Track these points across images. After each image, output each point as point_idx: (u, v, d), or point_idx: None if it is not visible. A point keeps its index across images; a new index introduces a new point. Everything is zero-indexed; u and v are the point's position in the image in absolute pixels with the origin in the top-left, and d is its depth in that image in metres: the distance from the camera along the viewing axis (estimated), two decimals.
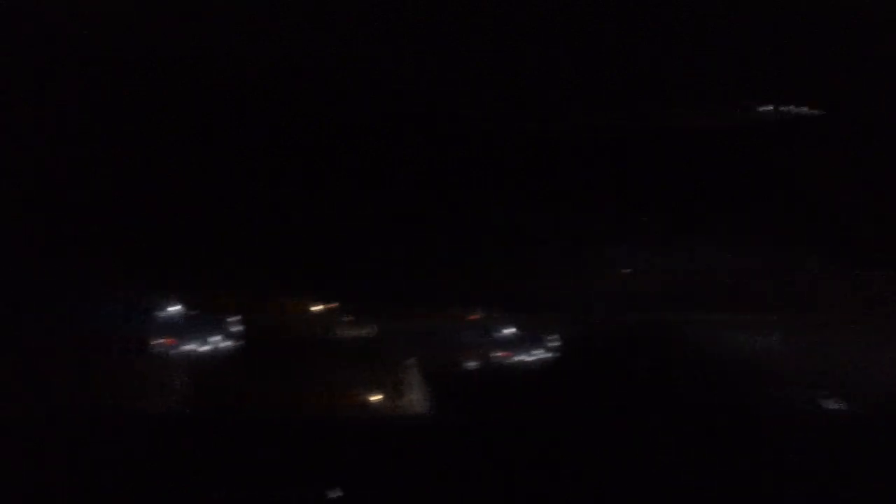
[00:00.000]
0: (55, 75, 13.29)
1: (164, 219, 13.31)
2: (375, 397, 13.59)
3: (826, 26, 13.67)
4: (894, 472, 11.73)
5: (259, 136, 13.52)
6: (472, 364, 13.74)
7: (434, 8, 13.28)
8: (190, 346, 13.18)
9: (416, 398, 13.62)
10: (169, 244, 13.13)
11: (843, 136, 13.15)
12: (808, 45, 13.31)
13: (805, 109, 13.05)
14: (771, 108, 13.12)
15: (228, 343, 13.26)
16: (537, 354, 13.66)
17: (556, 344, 13.70)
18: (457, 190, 13.97)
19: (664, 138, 13.78)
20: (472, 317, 14.02)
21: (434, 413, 13.47)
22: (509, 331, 13.81)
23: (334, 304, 13.91)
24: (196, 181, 13.49)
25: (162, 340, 13.06)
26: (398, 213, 13.97)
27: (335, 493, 12.36)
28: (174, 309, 13.24)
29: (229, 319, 13.31)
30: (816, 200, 13.31)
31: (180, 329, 13.19)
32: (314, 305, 13.93)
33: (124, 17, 13.06)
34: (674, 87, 13.45)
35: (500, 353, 13.74)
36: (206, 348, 13.21)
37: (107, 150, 13.29)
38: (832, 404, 12.38)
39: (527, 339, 13.75)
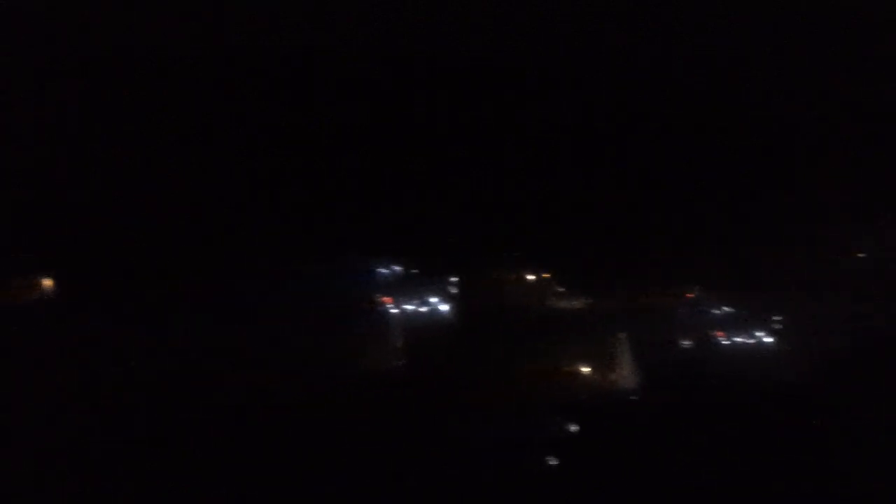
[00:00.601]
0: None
1: (387, 189, 13.68)
2: (585, 369, 13.49)
3: None
4: None
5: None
6: (686, 342, 13.43)
7: None
8: (409, 306, 13.53)
9: (625, 373, 13.43)
10: (393, 212, 13.48)
11: None
12: None
13: None
14: None
15: (445, 305, 13.50)
16: (758, 336, 13.20)
17: (779, 326, 13.24)
18: (684, 170, 13.70)
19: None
20: (689, 294, 13.71)
21: (642, 389, 13.25)
22: (727, 310, 13.41)
23: (548, 275, 13.94)
24: (426, 155, 13.74)
25: (382, 299, 13.42)
26: (620, 190, 13.81)
27: (552, 461, 12.39)
28: (395, 269, 13.59)
29: (449, 281, 13.54)
30: None
31: (400, 289, 13.50)
32: (529, 275, 13.99)
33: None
34: None
35: (716, 333, 13.37)
36: (423, 308, 13.51)
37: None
38: None
39: (747, 320, 13.29)
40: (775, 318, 13.33)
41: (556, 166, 13.75)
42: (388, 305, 13.44)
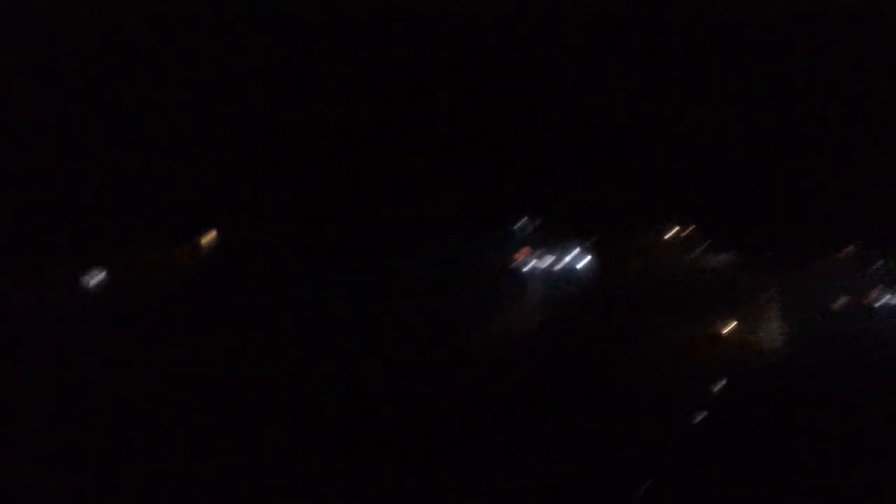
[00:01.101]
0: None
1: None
2: (729, 327, 12.86)
3: None
4: None
5: None
6: (839, 302, 12.78)
7: None
8: (548, 264, 12.92)
9: (772, 333, 12.80)
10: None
11: None
12: None
13: None
14: None
15: (584, 258, 12.89)
16: None
17: None
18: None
19: None
20: (845, 250, 13.02)
21: (787, 350, 12.67)
22: (890, 268, 12.73)
23: (691, 229, 13.26)
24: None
25: (517, 256, 12.82)
26: (771, 139, 13.11)
27: (699, 416, 11.94)
28: (532, 227, 12.98)
29: (586, 238, 12.95)
30: None
31: (537, 247, 12.92)
32: (672, 229, 13.29)
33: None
34: None
35: (874, 292, 12.72)
36: (562, 266, 12.92)
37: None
38: None
39: None
40: None
41: (701, 112, 13.04)
42: (524, 263, 12.84)
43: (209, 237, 12.39)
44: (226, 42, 12.71)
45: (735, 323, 12.73)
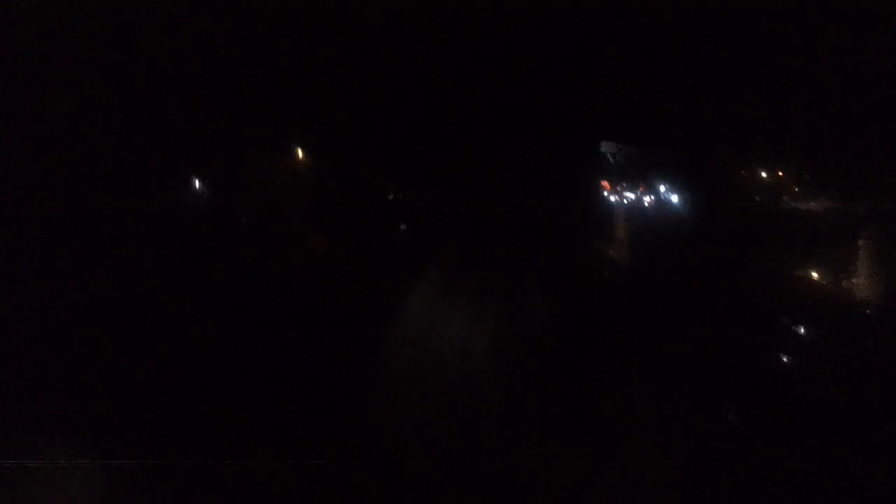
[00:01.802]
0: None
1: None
2: (819, 275, 12.73)
3: None
4: None
5: None
6: None
7: None
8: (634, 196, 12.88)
9: (862, 283, 12.64)
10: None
11: None
12: None
13: None
14: None
15: (674, 197, 12.83)
16: None
17: None
18: None
19: None
20: None
21: (881, 299, 12.48)
22: None
23: (785, 172, 13.08)
24: None
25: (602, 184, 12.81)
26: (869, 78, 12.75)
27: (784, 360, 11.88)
28: (623, 153, 12.90)
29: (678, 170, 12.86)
30: None
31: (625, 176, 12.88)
32: (764, 171, 13.13)
33: None
34: None
35: None
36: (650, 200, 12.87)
37: None
38: None
39: None
40: None
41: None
42: (609, 193, 12.77)
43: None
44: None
45: (821, 267, 12.61)
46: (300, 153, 12.37)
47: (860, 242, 12.57)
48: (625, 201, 12.78)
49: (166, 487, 10.69)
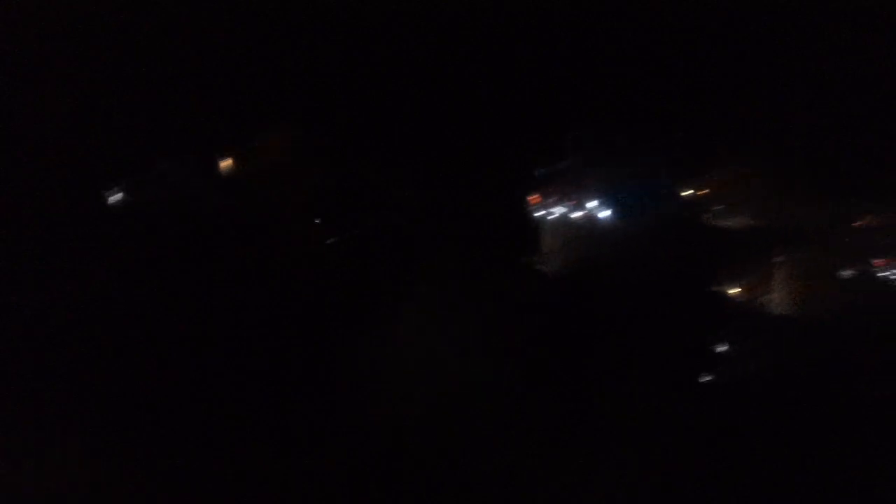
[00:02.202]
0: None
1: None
2: (735, 290, 13.05)
3: None
4: None
5: None
6: (847, 271, 12.96)
7: None
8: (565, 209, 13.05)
9: (780, 297, 13.01)
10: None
11: None
12: None
13: None
14: None
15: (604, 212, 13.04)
16: None
17: None
18: None
19: None
20: (859, 223, 13.19)
21: (796, 315, 12.85)
22: None
23: (705, 191, 13.39)
24: None
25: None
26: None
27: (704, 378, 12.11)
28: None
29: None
30: None
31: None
32: (684, 190, 13.42)
33: None
34: None
35: (878, 262, 12.88)
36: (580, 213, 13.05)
37: None
38: None
39: None
40: None
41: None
42: (539, 207, 12.90)
43: None
44: None
45: (737, 281, 12.96)
46: None
47: (778, 259, 12.99)
48: (551, 216, 12.94)
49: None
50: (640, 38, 12.83)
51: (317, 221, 12.19)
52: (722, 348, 12.49)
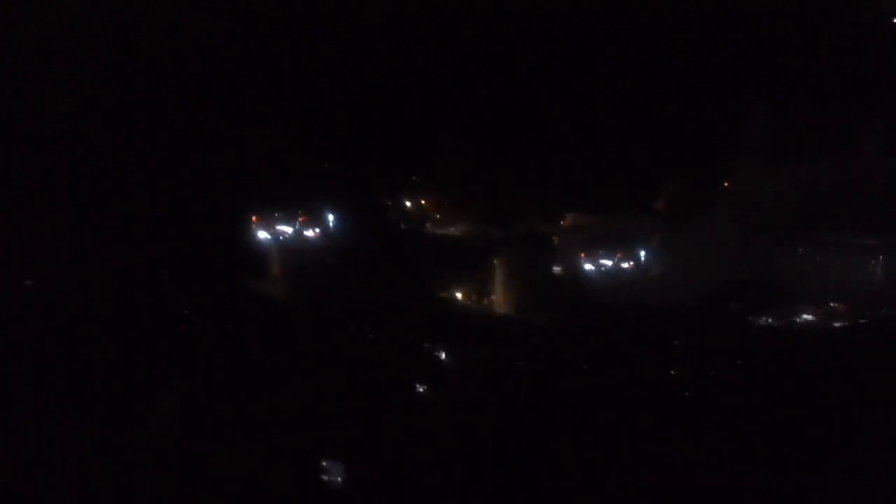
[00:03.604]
0: None
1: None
2: (457, 294, 13.71)
3: None
4: None
5: None
6: (558, 269, 13.78)
7: None
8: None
9: (498, 299, 13.72)
10: None
11: None
12: None
13: None
14: None
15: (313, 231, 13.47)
16: (624, 261, 13.55)
17: (643, 253, 13.58)
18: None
19: None
20: (566, 222, 14.00)
21: (514, 315, 13.52)
22: (603, 235, 13.71)
23: (425, 201, 14.03)
24: None
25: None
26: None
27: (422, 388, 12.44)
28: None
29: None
30: None
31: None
32: (408, 200, 14.03)
33: None
34: None
35: (585, 256, 13.63)
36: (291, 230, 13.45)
37: None
38: None
39: (614, 245, 13.56)
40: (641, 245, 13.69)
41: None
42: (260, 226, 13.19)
43: None
44: None
45: (461, 287, 13.63)
46: None
47: (496, 262, 13.73)
48: (282, 235, 13.31)
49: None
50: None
51: None
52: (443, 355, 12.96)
